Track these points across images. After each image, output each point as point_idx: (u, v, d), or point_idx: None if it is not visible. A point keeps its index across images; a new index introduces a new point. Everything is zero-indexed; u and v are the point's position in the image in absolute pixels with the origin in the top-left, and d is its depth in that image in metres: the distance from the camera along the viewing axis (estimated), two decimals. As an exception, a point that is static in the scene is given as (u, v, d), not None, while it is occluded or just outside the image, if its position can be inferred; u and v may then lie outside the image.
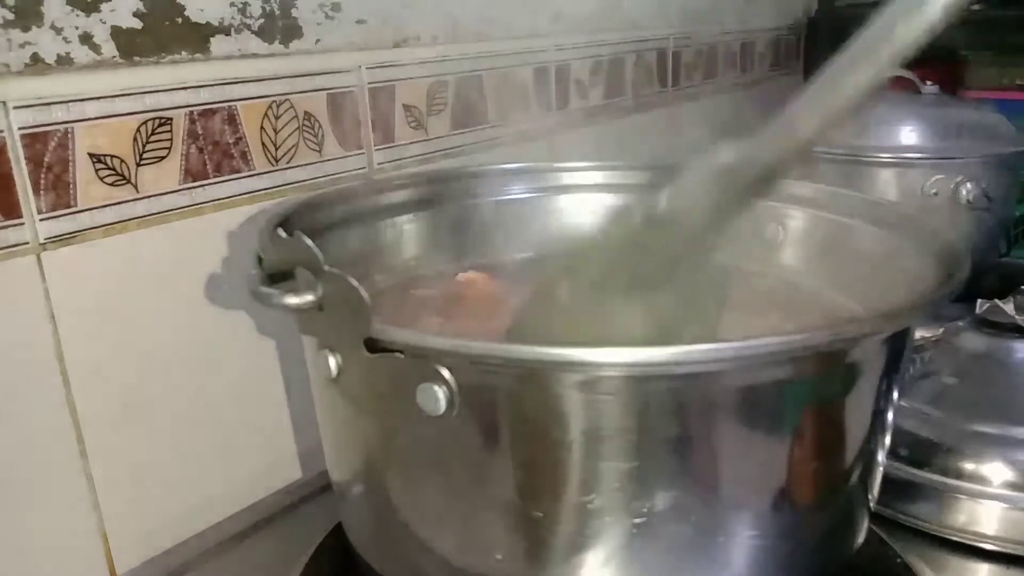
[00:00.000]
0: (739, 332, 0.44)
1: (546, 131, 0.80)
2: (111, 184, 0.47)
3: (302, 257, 0.33)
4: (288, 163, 0.56)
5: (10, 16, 0.42)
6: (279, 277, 0.34)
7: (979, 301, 0.58)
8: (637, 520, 0.34)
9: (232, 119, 0.52)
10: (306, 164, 0.57)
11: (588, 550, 0.34)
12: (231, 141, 0.52)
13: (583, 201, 0.59)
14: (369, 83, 0.61)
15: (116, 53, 0.47)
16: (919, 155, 0.79)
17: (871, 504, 0.41)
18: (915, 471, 0.50)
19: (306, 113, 0.57)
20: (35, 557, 0.47)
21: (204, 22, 0.51)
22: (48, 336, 0.46)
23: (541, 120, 0.79)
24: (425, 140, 0.67)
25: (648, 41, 0.95)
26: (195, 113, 0.50)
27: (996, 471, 0.48)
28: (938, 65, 1.14)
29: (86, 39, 0.46)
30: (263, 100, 0.54)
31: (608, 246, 0.39)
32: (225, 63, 0.52)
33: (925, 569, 0.46)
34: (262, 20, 0.54)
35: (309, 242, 0.33)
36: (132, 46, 0.48)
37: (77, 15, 0.45)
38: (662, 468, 0.34)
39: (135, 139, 0.48)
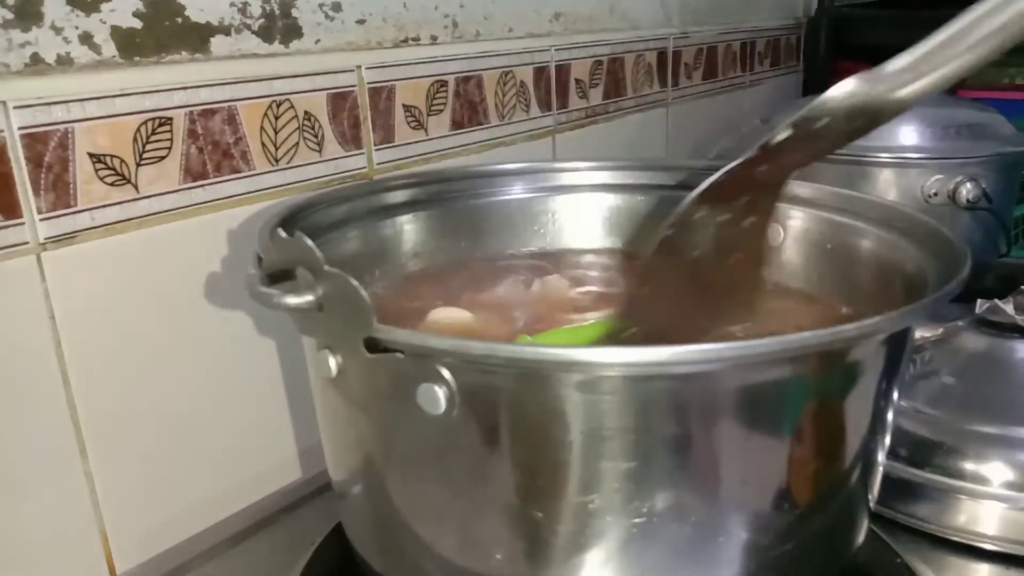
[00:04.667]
0: (739, 332, 0.44)
1: (546, 131, 0.80)
2: (111, 184, 0.47)
3: (302, 257, 0.33)
4: (288, 163, 0.56)
5: (10, 16, 0.42)
6: (279, 277, 0.34)
7: (979, 301, 0.58)
8: (637, 520, 0.34)
9: (232, 119, 0.52)
10: (306, 164, 0.57)
11: (588, 550, 0.34)
12: (231, 141, 0.53)
13: (583, 201, 0.59)
14: (369, 83, 0.61)
15: (116, 53, 0.47)
16: (919, 155, 0.79)
17: (871, 504, 0.41)
18: (915, 471, 0.50)
19: (306, 113, 0.57)
20: (35, 557, 0.47)
21: (204, 22, 0.51)
22: (48, 336, 0.46)
23: (541, 120, 0.79)
24: (425, 140, 0.67)
25: (648, 41, 0.95)
26: (195, 113, 0.50)
27: (996, 471, 0.48)
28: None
29: (86, 39, 0.46)
30: (263, 100, 0.54)
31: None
32: (225, 63, 0.52)
33: (925, 569, 0.46)
34: (262, 20, 0.54)
35: (309, 242, 0.33)
36: (132, 46, 0.48)
37: (77, 15, 0.45)
38: (662, 468, 0.34)
39: (135, 139, 0.48)
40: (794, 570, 0.37)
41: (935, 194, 0.77)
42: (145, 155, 0.48)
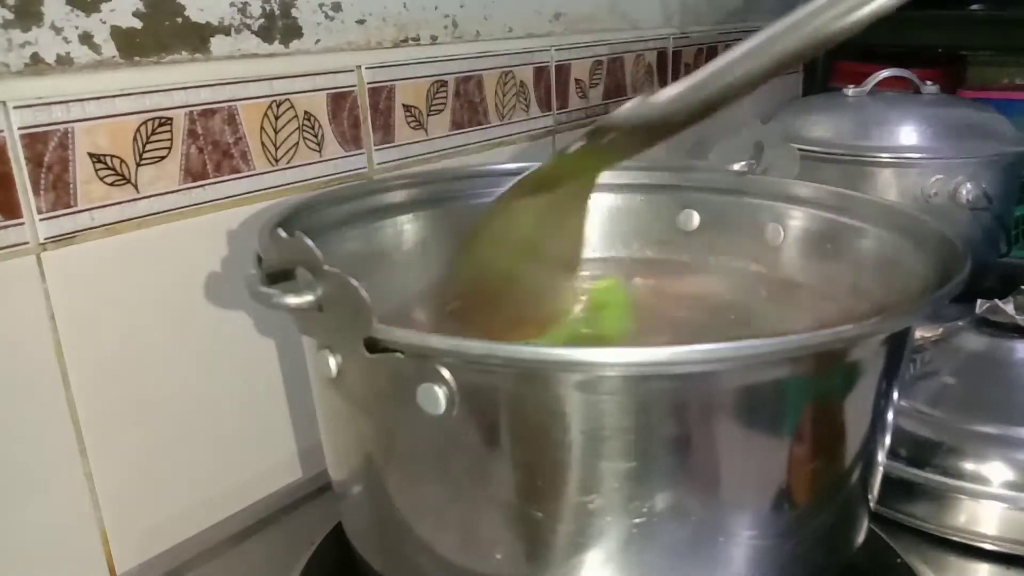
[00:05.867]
0: (739, 332, 0.44)
1: (546, 131, 0.80)
2: (111, 184, 0.47)
3: (302, 257, 0.33)
4: (288, 163, 0.56)
5: (10, 16, 0.42)
6: (279, 277, 0.34)
7: (979, 301, 0.58)
8: (637, 520, 0.34)
9: (232, 119, 0.52)
10: (306, 164, 0.57)
11: (588, 550, 0.34)
12: (231, 141, 0.53)
13: (583, 201, 0.59)
14: (369, 83, 0.61)
15: (116, 53, 0.47)
16: (919, 155, 0.79)
17: (871, 504, 0.41)
18: (915, 471, 0.50)
19: (306, 113, 0.57)
20: (35, 557, 0.47)
21: (204, 22, 0.51)
22: (48, 336, 0.46)
23: (541, 120, 0.79)
24: (425, 140, 0.67)
25: (648, 41, 0.95)
26: (195, 113, 0.50)
27: (996, 471, 0.48)
28: (938, 65, 1.14)
29: (86, 39, 0.46)
30: (263, 100, 0.54)
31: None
32: (225, 63, 0.52)
33: (925, 569, 0.46)
34: (262, 20, 0.54)
35: (309, 242, 0.33)
36: (132, 46, 0.48)
37: (77, 15, 0.45)
38: (662, 468, 0.34)
39: (135, 139, 0.48)
40: (794, 570, 0.37)
41: (935, 194, 0.77)
42: (145, 155, 0.48)
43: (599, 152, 0.42)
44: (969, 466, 0.49)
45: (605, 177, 0.59)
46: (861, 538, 0.41)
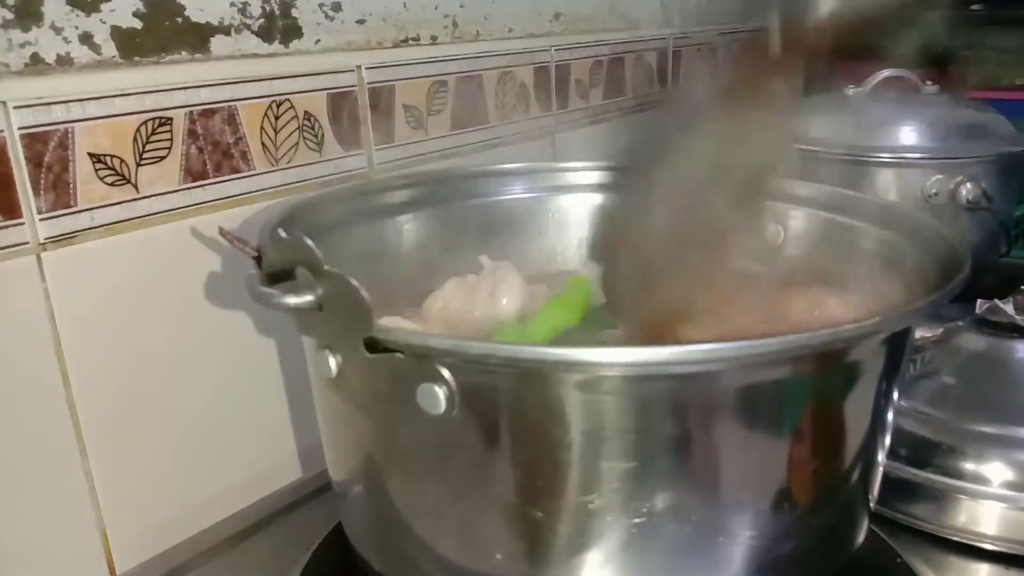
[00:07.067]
0: (739, 332, 0.44)
1: (546, 131, 0.80)
2: (111, 184, 0.47)
3: (302, 257, 0.33)
4: (288, 163, 0.56)
5: (10, 16, 0.42)
6: (279, 277, 0.34)
7: (979, 301, 0.58)
8: (637, 520, 0.34)
9: (232, 119, 0.52)
10: (306, 164, 0.57)
11: (588, 550, 0.34)
12: (231, 141, 0.52)
13: (583, 201, 0.59)
14: (369, 83, 0.61)
15: (116, 53, 0.47)
16: (919, 155, 0.79)
17: (871, 504, 0.41)
18: (915, 471, 0.50)
19: (306, 113, 0.57)
20: (35, 556, 0.47)
21: (204, 22, 0.51)
22: (48, 336, 0.46)
23: (541, 120, 0.79)
24: (425, 140, 0.67)
25: (648, 41, 0.95)
26: (195, 113, 0.50)
27: (996, 471, 0.48)
28: (938, 65, 1.14)
29: (86, 39, 0.46)
30: (263, 100, 0.54)
31: None
32: (225, 63, 0.52)
33: (925, 569, 0.46)
34: (262, 20, 0.54)
35: (309, 242, 0.33)
36: (132, 46, 0.48)
37: (77, 15, 0.45)
38: (661, 468, 0.34)
39: (135, 139, 0.48)
40: (794, 570, 0.37)
41: (935, 194, 0.77)
42: (145, 155, 0.48)
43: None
44: (969, 466, 0.49)
45: (602, 177, 0.59)
46: (861, 538, 0.41)
